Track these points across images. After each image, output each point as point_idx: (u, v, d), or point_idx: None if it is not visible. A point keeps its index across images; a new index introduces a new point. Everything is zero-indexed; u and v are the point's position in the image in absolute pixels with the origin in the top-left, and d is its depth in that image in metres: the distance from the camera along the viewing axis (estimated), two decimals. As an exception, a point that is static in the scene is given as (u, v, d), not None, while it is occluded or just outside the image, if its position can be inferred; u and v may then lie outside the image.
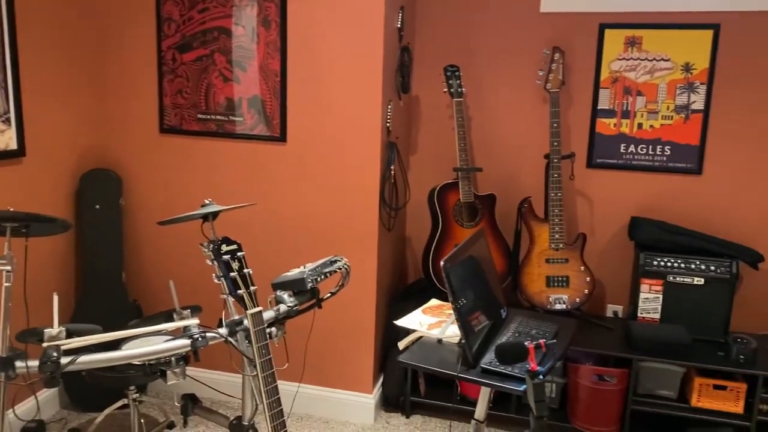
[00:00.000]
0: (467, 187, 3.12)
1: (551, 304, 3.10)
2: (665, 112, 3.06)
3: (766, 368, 2.72)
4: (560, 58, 3.03)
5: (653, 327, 2.92)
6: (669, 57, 3.02)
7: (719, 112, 3.03)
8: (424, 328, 2.20)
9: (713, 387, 2.80)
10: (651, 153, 3.12)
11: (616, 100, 3.11)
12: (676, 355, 2.80)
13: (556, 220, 3.06)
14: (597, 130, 3.16)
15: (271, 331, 2.02)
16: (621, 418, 2.90)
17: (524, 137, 3.29)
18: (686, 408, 2.85)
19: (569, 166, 3.20)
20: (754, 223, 3.07)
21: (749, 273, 3.09)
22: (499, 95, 3.29)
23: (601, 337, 3.00)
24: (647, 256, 2.98)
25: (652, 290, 2.98)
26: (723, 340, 2.90)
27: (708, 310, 2.93)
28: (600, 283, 3.32)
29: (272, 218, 3.04)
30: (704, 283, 2.93)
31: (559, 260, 3.08)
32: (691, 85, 3.02)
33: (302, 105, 2.91)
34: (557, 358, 2.00)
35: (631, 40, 3.05)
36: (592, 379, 2.87)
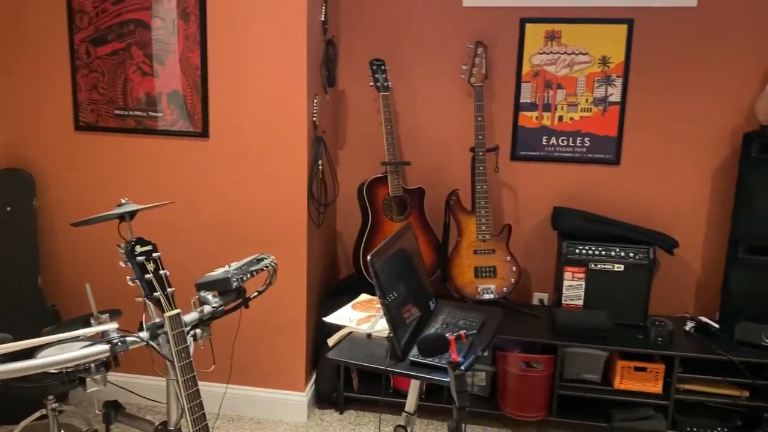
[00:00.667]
0: (396, 181, 3.13)
1: (480, 294, 3.15)
2: (584, 104, 3.16)
3: (682, 349, 2.85)
4: (483, 53, 3.08)
5: (577, 313, 3.01)
6: (587, 51, 3.12)
7: (635, 104, 3.14)
8: (354, 323, 2.19)
9: (634, 369, 2.91)
10: (571, 145, 3.21)
11: (538, 93, 3.19)
12: (599, 339, 2.90)
13: (483, 212, 3.11)
14: (520, 123, 3.23)
15: (195, 332, 1.97)
16: (549, 403, 2.98)
17: (451, 131, 3.32)
18: (610, 390, 2.95)
19: (494, 159, 3.25)
20: (669, 210, 3.21)
21: (665, 258, 3.23)
22: (425, 89, 3.31)
23: (528, 325, 3.07)
24: (570, 245, 3.07)
25: (575, 278, 3.08)
26: (642, 323, 3.02)
27: (628, 295, 3.05)
28: (526, 272, 3.40)
29: (196, 217, 2.96)
30: (624, 270, 3.04)
31: (486, 251, 3.14)
32: (608, 78, 3.12)
33: (225, 100, 2.84)
34: (483, 347, 2.03)
35: (550, 34, 3.13)
36: (520, 366, 2.94)
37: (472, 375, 3.11)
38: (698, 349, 2.87)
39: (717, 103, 3.08)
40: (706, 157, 3.14)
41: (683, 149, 3.15)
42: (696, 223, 3.20)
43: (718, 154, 3.13)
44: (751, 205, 2.89)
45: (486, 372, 3.10)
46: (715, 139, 3.11)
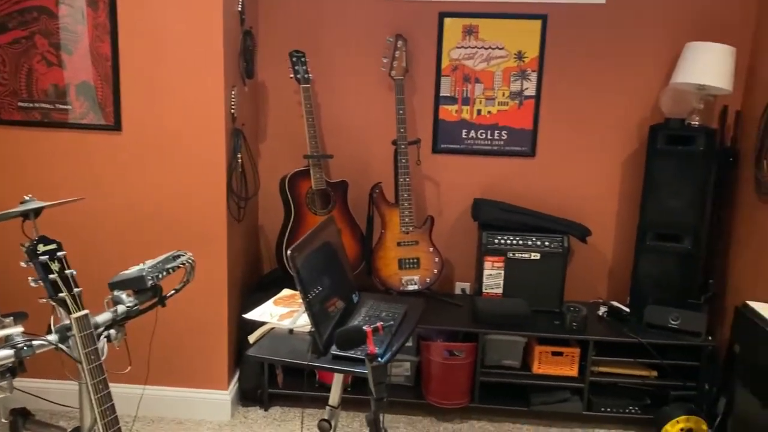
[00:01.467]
0: (319, 175, 3.11)
1: (404, 286, 3.19)
2: (501, 98, 3.24)
3: (595, 333, 2.98)
4: (403, 46, 3.10)
5: (496, 302, 3.10)
6: (503, 45, 3.19)
7: (549, 98, 3.25)
8: (275, 319, 2.16)
9: (551, 354, 3.02)
10: (490, 138, 3.28)
11: (457, 87, 3.24)
12: (517, 326, 2.99)
13: (406, 204, 3.14)
14: (440, 116, 3.28)
15: (109, 333, 1.90)
16: (471, 390, 3.05)
17: (373, 123, 3.33)
18: (529, 375, 3.05)
19: (416, 152, 3.29)
20: (582, 200, 3.34)
21: (579, 246, 3.36)
22: (347, 81, 3.30)
23: (450, 314, 3.13)
24: (489, 235, 3.14)
25: (494, 267, 3.16)
26: (558, 309, 3.13)
27: (544, 282, 3.15)
28: (448, 262, 3.46)
29: (109, 214, 2.85)
30: (540, 258, 3.14)
31: (409, 243, 3.17)
32: (523, 72, 3.21)
33: (138, 91, 2.74)
34: (405, 338, 2.05)
35: (468, 28, 3.18)
36: (443, 355, 2.99)
37: (391, 366, 3.14)
38: (610, 332, 3.00)
39: (626, 96, 3.22)
40: (616, 148, 3.28)
41: (595, 141, 3.28)
42: (607, 213, 3.34)
43: (627, 145, 3.27)
44: (657, 195, 3.05)
45: (410, 362, 3.13)
46: (625, 132, 3.26)
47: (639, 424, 3.04)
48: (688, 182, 3.00)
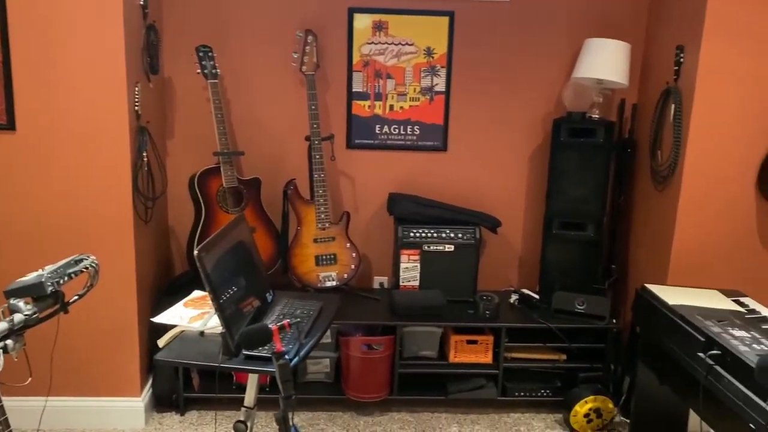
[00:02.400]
0: (230, 172, 3.05)
1: (322, 282, 3.18)
2: (413, 94, 3.28)
3: (507, 320, 3.08)
4: (313, 41, 3.08)
5: (413, 294, 3.14)
6: (413, 41, 3.23)
7: (458, 93, 3.32)
8: (186, 321, 2.11)
9: (466, 342, 3.10)
10: (403, 133, 3.32)
11: (369, 82, 3.26)
12: (434, 317, 3.05)
13: (322, 201, 3.13)
14: (353, 112, 3.28)
15: (6, 344, 1.79)
16: (390, 382, 3.08)
17: (286, 119, 3.30)
18: (446, 365, 3.12)
19: (330, 148, 3.28)
20: (492, 192, 3.43)
21: (490, 237, 3.45)
22: (258, 77, 3.25)
23: (368, 309, 3.15)
24: (404, 229, 3.18)
25: (410, 260, 3.20)
26: (472, 299, 3.21)
27: (458, 273, 3.23)
28: (366, 257, 3.48)
29: (5, 217, 2.68)
30: (454, 250, 3.21)
31: (326, 239, 3.16)
32: (433, 68, 3.26)
33: (33, 88, 2.59)
34: (320, 334, 2.05)
35: (378, 24, 3.20)
36: (361, 349, 3.00)
37: (308, 362, 3.13)
38: (522, 319, 3.11)
39: (531, 91, 3.33)
40: (524, 142, 3.39)
41: (503, 135, 3.38)
42: (516, 204, 3.45)
43: (533, 139, 3.39)
44: (562, 185, 3.17)
45: (330, 358, 3.13)
46: (531, 126, 3.37)
47: (550, 406, 3.17)
48: (589, 173, 3.14)
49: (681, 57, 2.83)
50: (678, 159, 2.83)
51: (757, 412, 1.81)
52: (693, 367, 2.16)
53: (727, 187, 2.81)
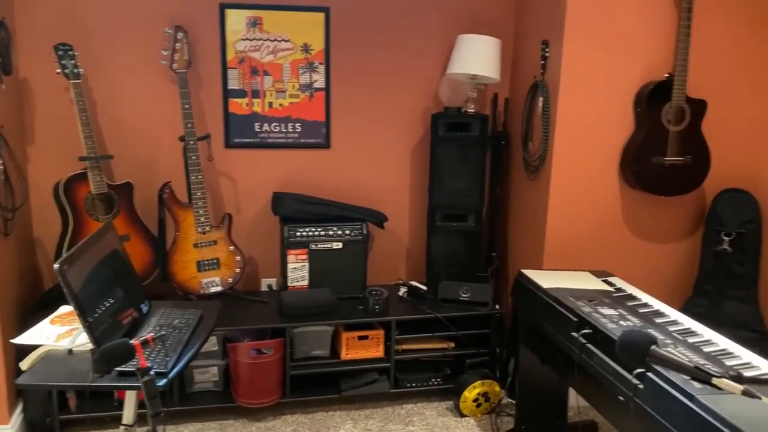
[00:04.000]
0: (98, 177, 2.87)
1: (205, 289, 3.07)
2: (292, 90, 3.23)
3: (396, 314, 3.11)
4: (184, 38, 2.95)
5: (302, 294, 3.10)
6: (289, 38, 3.18)
7: (339, 89, 3.30)
8: (52, 340, 1.96)
9: (358, 338, 3.10)
10: (284, 130, 3.27)
11: (245, 80, 3.17)
12: (323, 315, 3.02)
13: (200, 203, 3.01)
14: (230, 110, 3.19)
15: None
16: (282, 385, 3.03)
17: (158, 120, 3.14)
18: (338, 362, 3.11)
19: (207, 148, 3.17)
20: (377, 187, 3.45)
21: (378, 232, 3.48)
22: (125, 76, 3.07)
23: (257, 312, 3.08)
24: (290, 228, 3.13)
25: (298, 259, 3.16)
26: (362, 295, 3.22)
27: (348, 270, 3.22)
28: (253, 259, 3.39)
29: None
30: (342, 247, 3.20)
31: (207, 243, 3.05)
32: (311, 64, 3.23)
33: None
34: (200, 344, 1.97)
35: (252, 20, 3.12)
36: (250, 354, 2.93)
37: (190, 373, 3.02)
38: (410, 311, 3.16)
39: (411, 87, 3.38)
40: (405, 137, 3.44)
41: (385, 130, 3.40)
42: (401, 198, 3.50)
43: (414, 134, 3.44)
44: (442, 178, 3.25)
45: (218, 366, 3.03)
46: (412, 121, 3.42)
47: (442, 394, 3.24)
48: (468, 165, 3.23)
49: (546, 52, 2.97)
50: (547, 149, 2.97)
51: (625, 385, 1.93)
52: (568, 346, 2.28)
53: (593, 174, 2.99)
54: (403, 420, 3.04)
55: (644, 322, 2.20)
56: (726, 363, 1.91)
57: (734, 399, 1.61)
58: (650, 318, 2.25)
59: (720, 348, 2.02)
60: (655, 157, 2.87)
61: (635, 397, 1.86)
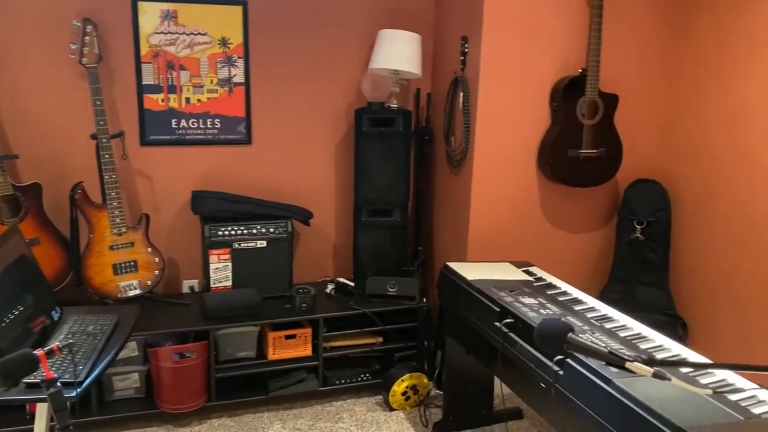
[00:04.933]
0: (2, 178, 2.70)
1: (123, 292, 2.95)
2: (210, 85, 3.14)
3: (323, 311, 3.09)
4: (93, 31, 2.81)
5: (225, 295, 3.02)
6: (206, 31, 3.08)
7: (260, 84, 3.24)
8: (-50, 354, 1.83)
9: (285, 338, 3.05)
10: (203, 127, 3.17)
11: (161, 74, 3.06)
12: (248, 316, 2.96)
13: (115, 204, 2.89)
14: (146, 106, 3.07)
15: None
16: (207, 389, 2.95)
17: (68, 117, 2.99)
18: (265, 363, 3.05)
19: (121, 145, 3.04)
20: (302, 184, 3.41)
21: (304, 229, 3.44)
22: (30, 71, 2.90)
23: (178, 315, 2.98)
24: (212, 228, 3.05)
25: (220, 260, 3.08)
26: (288, 293, 3.17)
27: (273, 269, 3.17)
28: (173, 260, 3.28)
29: None
30: (267, 245, 3.14)
31: (123, 245, 2.93)
32: (230, 59, 3.15)
33: None
34: (116, 350, 1.89)
35: (166, 13, 3.01)
36: (172, 359, 2.84)
37: (109, 381, 2.90)
38: (338, 308, 3.14)
39: (334, 82, 3.35)
40: (330, 132, 3.41)
41: (309, 126, 3.36)
42: (327, 194, 3.47)
43: (339, 129, 3.42)
44: (367, 174, 3.24)
45: (139, 372, 2.92)
46: (335, 116, 3.40)
47: (371, 389, 3.24)
48: (392, 161, 3.24)
49: (466, 48, 3.02)
50: (469, 144, 3.01)
51: (546, 372, 1.99)
52: (491, 335, 2.33)
53: (512, 167, 3.06)
54: (332, 417, 3.02)
55: (563, 310, 2.27)
56: (640, 347, 2.00)
57: (648, 381, 1.69)
58: (569, 306, 2.33)
59: (634, 332, 2.11)
60: (571, 150, 2.97)
61: (556, 383, 1.92)
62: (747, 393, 1.71)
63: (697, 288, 3.06)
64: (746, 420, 1.55)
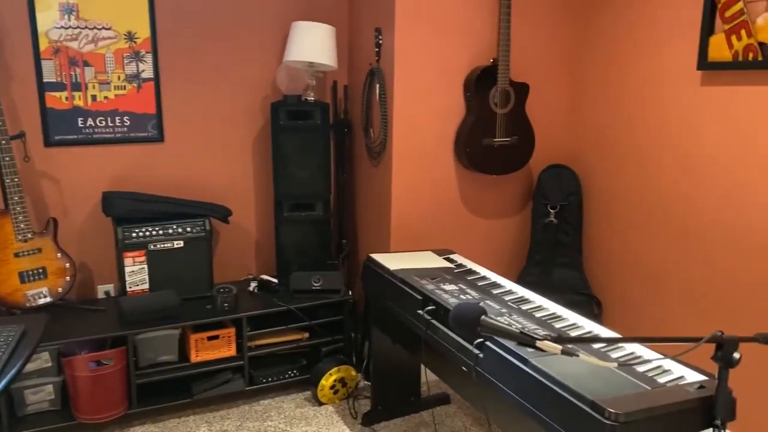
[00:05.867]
0: None
1: (32, 301, 2.80)
2: (117, 82, 3.02)
3: (247, 309, 3.03)
4: (-15, 25, 2.65)
5: (142, 298, 2.92)
6: (111, 25, 2.96)
7: (170, 79, 3.14)
8: None
9: (207, 339, 2.98)
10: (111, 125, 3.05)
11: (63, 71, 2.91)
12: (168, 319, 2.87)
13: (19, 209, 2.73)
14: (48, 105, 2.91)
15: None
16: (128, 396, 2.85)
17: (-39, 118, 2.80)
18: (188, 366, 2.97)
19: (23, 147, 2.88)
20: (220, 181, 3.34)
21: (223, 227, 3.37)
22: None
23: (94, 322, 2.86)
24: (125, 230, 2.94)
25: (136, 262, 2.97)
26: (209, 294, 3.10)
27: (192, 269, 3.09)
28: (85, 265, 3.15)
29: None
30: (184, 245, 3.06)
31: (30, 252, 2.78)
32: (137, 54, 3.03)
33: None
34: (22, 362, 1.79)
35: (66, 7, 2.86)
36: (89, 367, 2.72)
37: (20, 394, 2.76)
38: (262, 305, 3.09)
39: (248, 76, 3.29)
40: (246, 127, 3.35)
41: (225, 121, 3.29)
42: (246, 190, 3.41)
43: (255, 123, 3.36)
44: (287, 168, 3.20)
45: (53, 383, 2.79)
46: (252, 110, 3.34)
47: (299, 385, 3.22)
48: (312, 154, 3.21)
49: (380, 39, 3.03)
50: (387, 135, 3.03)
51: (467, 356, 2.03)
52: (414, 323, 2.35)
53: (431, 157, 3.10)
54: (260, 416, 2.98)
55: (482, 295, 2.33)
56: (555, 326, 2.07)
57: (564, 359, 1.75)
58: (488, 290, 2.39)
59: (550, 312, 2.19)
60: (485, 139, 3.04)
61: (477, 366, 1.97)
62: (653, 364, 1.81)
63: (609, 268, 3.20)
64: (653, 389, 1.64)
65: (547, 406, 1.67)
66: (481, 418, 2.99)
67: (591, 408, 1.54)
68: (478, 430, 2.89)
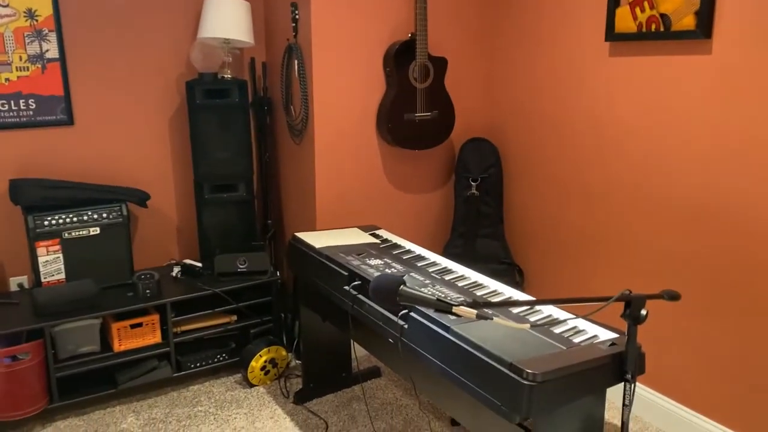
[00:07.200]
0: None
1: (-64, 298, 2.64)
2: (19, 63, 2.85)
3: (171, 295, 2.96)
4: None
5: (58, 288, 2.80)
6: (8, 3, 2.78)
7: (78, 59, 2.99)
8: None
9: (130, 327, 2.90)
10: (15, 108, 2.88)
11: (-44, 51, 2.73)
12: (86, 309, 2.77)
13: None
14: (-59, 88, 2.73)
15: None
16: (48, 390, 2.74)
17: None
18: (111, 356, 2.88)
19: None
20: (136, 164, 3.22)
21: (142, 212, 3.26)
22: None
23: (7, 315, 2.73)
24: (36, 219, 2.80)
25: (50, 251, 2.85)
26: (130, 281, 3.01)
27: (110, 256, 2.98)
28: (-6, 258, 2.99)
29: None
30: (100, 232, 2.95)
31: (-70, 246, 2.62)
32: (39, 32, 2.87)
33: None
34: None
35: (-45, -19, 2.68)
36: (4, 363, 2.60)
37: (-56, 393, 2.61)
38: (186, 290, 3.02)
39: (161, 53, 3.17)
40: (161, 106, 3.23)
41: (139, 101, 3.17)
42: (164, 172, 3.31)
43: (170, 103, 3.25)
44: (205, 148, 3.12)
45: (-35, 383, 2.65)
46: (166, 89, 3.23)
47: (229, 369, 3.19)
48: (231, 133, 3.15)
49: (296, 14, 2.98)
50: (308, 112, 3.00)
51: (393, 327, 2.06)
52: (341, 299, 2.37)
53: (353, 134, 3.09)
54: (190, 402, 2.94)
55: (407, 267, 2.36)
56: (477, 293, 2.13)
57: (484, 325, 1.80)
58: (412, 263, 2.42)
59: (472, 281, 2.25)
60: (407, 114, 3.06)
61: (402, 337, 2.00)
62: (569, 325, 1.89)
63: (528, 237, 3.31)
64: (568, 349, 1.72)
65: (470, 371, 1.72)
66: (411, 389, 3.05)
67: (510, 370, 1.60)
68: (408, 401, 2.95)
